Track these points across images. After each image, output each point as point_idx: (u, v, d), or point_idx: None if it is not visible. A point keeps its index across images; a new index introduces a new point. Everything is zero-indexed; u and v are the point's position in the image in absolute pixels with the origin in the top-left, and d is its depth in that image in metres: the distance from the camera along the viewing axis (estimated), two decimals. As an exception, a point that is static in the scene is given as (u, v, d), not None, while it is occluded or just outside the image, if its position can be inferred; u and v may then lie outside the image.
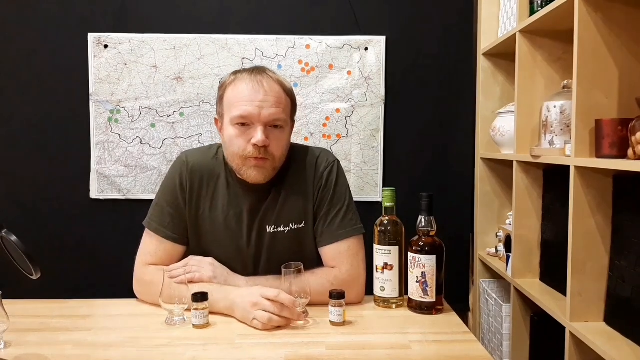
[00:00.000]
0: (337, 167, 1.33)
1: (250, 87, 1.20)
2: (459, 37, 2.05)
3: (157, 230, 1.28)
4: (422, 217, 1.21)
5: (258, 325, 1.09)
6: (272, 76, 1.24)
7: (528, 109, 1.59)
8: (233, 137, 1.21)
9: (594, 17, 1.20)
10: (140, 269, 1.28)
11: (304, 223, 1.29)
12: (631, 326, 1.15)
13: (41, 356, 0.97)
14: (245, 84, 1.21)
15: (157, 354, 0.99)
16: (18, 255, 0.97)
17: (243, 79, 1.22)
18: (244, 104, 1.19)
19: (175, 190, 1.29)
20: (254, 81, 1.20)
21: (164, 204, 1.29)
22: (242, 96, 1.20)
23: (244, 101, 1.19)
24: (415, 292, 1.20)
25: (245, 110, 1.18)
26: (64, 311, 1.23)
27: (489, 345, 1.90)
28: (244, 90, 1.20)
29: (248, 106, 1.18)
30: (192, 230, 1.30)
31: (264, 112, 1.18)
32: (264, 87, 1.20)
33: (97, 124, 2.03)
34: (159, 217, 1.29)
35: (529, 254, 1.63)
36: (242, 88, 1.20)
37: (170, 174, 1.32)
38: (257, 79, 1.21)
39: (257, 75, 1.22)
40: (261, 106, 1.18)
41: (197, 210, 1.29)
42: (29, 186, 2.04)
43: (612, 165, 1.10)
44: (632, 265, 1.14)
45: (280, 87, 1.23)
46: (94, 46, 2.01)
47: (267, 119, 1.19)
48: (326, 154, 1.35)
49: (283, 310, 1.09)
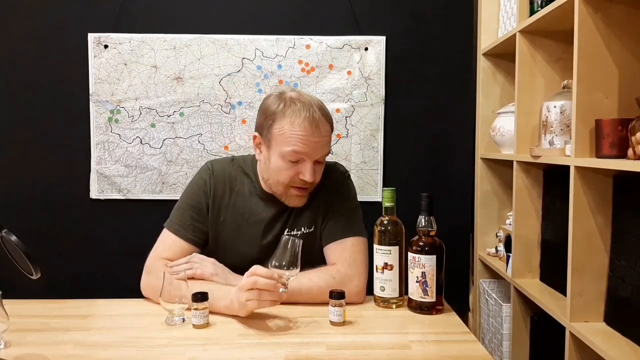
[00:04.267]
0: (347, 178, 1.41)
1: (308, 128, 1.21)
2: (459, 36, 2.05)
3: (177, 231, 1.31)
4: (422, 217, 1.21)
5: (253, 304, 1.09)
6: (324, 114, 1.25)
7: (528, 109, 1.59)
8: (282, 168, 1.24)
9: (593, 17, 1.20)
10: (153, 261, 1.29)
11: (313, 227, 1.35)
12: (631, 326, 1.15)
13: (41, 356, 0.97)
14: (302, 122, 1.21)
15: (157, 354, 0.99)
16: (18, 255, 0.97)
17: (299, 114, 1.21)
18: (301, 143, 1.21)
19: (200, 195, 1.34)
20: (311, 122, 1.21)
21: (187, 207, 1.34)
22: (299, 135, 1.21)
23: (301, 140, 1.21)
24: (415, 292, 1.20)
25: (301, 149, 1.21)
26: (64, 311, 1.23)
27: (489, 345, 1.90)
28: (302, 130, 1.21)
29: (304, 145, 1.21)
30: (212, 235, 1.34)
31: (317, 152, 1.24)
32: (320, 129, 1.22)
33: (97, 124, 2.03)
34: (180, 219, 1.33)
35: (529, 254, 1.63)
36: (298, 126, 1.21)
37: (195, 180, 1.37)
38: (314, 120, 1.21)
39: (313, 114, 1.22)
40: (316, 147, 1.23)
41: (218, 217, 1.34)
42: (29, 186, 2.04)
43: (612, 165, 1.10)
44: (632, 266, 1.14)
45: (329, 127, 1.26)
46: (94, 46, 2.01)
47: (318, 157, 1.25)
48: (339, 165, 1.44)
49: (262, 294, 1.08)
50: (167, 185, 2.05)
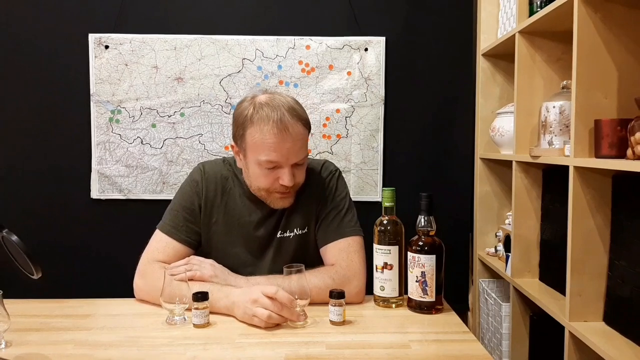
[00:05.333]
0: (337, 176, 1.39)
1: (277, 136, 1.18)
2: (458, 37, 2.06)
3: (170, 233, 1.30)
4: (422, 217, 1.22)
5: (258, 322, 1.09)
6: (294, 116, 1.20)
7: (527, 109, 1.59)
8: (260, 175, 1.23)
9: (593, 17, 1.21)
10: (146, 264, 1.28)
11: (306, 228, 1.34)
12: (630, 326, 1.15)
13: (42, 356, 0.98)
14: (270, 129, 1.17)
15: (157, 353, 0.99)
16: (19, 255, 0.97)
17: (266, 122, 1.18)
18: (272, 152, 1.19)
19: (192, 196, 1.33)
20: (280, 128, 1.17)
21: (180, 208, 1.33)
22: (269, 143, 1.18)
23: (272, 149, 1.18)
24: (415, 291, 1.20)
25: (273, 157, 1.19)
26: (64, 311, 1.23)
27: (488, 344, 1.90)
28: (271, 137, 1.18)
29: (276, 153, 1.19)
30: (205, 236, 1.34)
31: (292, 157, 1.21)
32: (290, 134, 1.19)
33: (97, 124, 2.04)
34: (172, 221, 1.32)
35: (528, 253, 1.64)
36: (268, 134, 1.18)
37: (187, 182, 1.37)
38: (283, 124, 1.18)
39: (282, 118, 1.18)
40: (289, 153, 1.20)
41: (210, 218, 1.33)
42: (30, 186, 2.05)
43: (611, 166, 1.10)
44: (632, 265, 1.14)
45: (301, 126, 1.22)
46: (94, 47, 2.01)
47: (294, 161, 1.23)
48: (329, 164, 1.41)
49: (282, 310, 1.09)
50: (167, 185, 2.05)
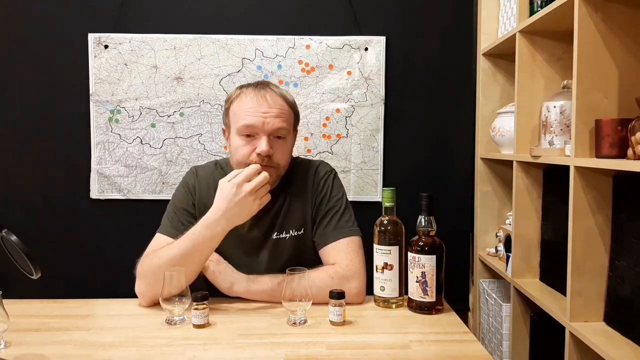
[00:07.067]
0: (333, 176, 1.40)
1: (254, 100, 1.27)
2: (458, 37, 2.06)
3: (170, 234, 1.30)
4: (422, 217, 1.21)
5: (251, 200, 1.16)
6: (275, 90, 1.31)
7: (528, 109, 1.59)
8: (239, 146, 1.28)
9: (593, 17, 1.21)
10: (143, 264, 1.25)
11: (303, 230, 1.35)
12: (631, 326, 1.15)
13: (41, 356, 0.97)
14: (250, 97, 1.28)
15: (157, 353, 0.99)
16: (18, 255, 0.97)
17: (248, 92, 1.29)
18: (249, 116, 1.26)
19: (187, 197, 1.36)
20: (258, 95, 1.28)
21: (176, 210, 1.35)
22: (246, 108, 1.27)
23: (249, 113, 1.26)
24: (415, 292, 1.20)
25: (250, 121, 1.25)
26: (64, 311, 1.23)
27: (488, 345, 1.90)
28: (249, 103, 1.27)
29: (252, 117, 1.25)
30: None
31: (268, 123, 1.26)
32: (267, 100, 1.27)
33: (97, 124, 2.03)
34: (171, 222, 1.33)
35: (528, 253, 1.63)
36: (246, 101, 1.28)
37: (180, 185, 1.40)
38: (261, 92, 1.28)
39: (260, 89, 1.29)
40: (265, 117, 1.25)
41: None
42: (29, 186, 2.05)
43: (611, 165, 1.10)
44: (632, 265, 1.14)
45: (282, 100, 1.30)
46: (94, 46, 2.01)
47: (271, 129, 1.26)
48: (324, 164, 1.42)
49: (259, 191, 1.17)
50: (167, 185, 2.05)
